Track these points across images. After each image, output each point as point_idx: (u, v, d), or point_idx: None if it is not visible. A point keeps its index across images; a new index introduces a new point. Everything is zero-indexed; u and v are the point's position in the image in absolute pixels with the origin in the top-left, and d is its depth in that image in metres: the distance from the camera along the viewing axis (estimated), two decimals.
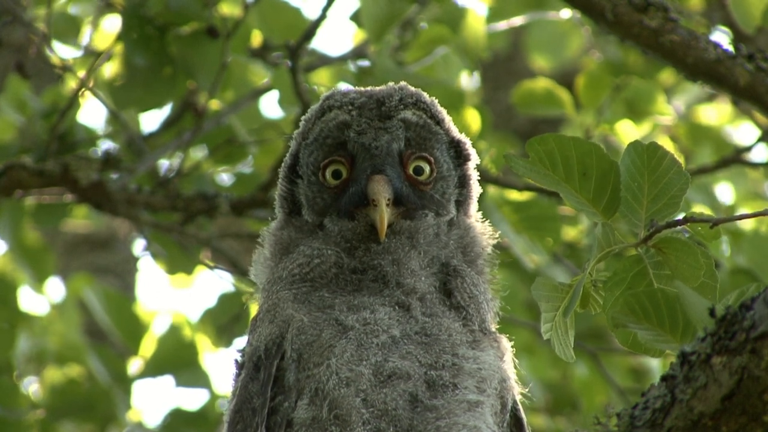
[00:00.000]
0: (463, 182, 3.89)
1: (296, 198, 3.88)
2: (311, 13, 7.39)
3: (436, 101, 3.89)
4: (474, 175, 3.91)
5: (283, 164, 3.92)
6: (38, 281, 8.12)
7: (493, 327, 3.82)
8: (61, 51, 7.58)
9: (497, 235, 3.89)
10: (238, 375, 3.75)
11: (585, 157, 3.65)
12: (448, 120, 3.89)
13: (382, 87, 3.85)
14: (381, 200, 3.71)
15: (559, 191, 3.68)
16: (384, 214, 3.70)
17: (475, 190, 3.91)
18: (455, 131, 3.90)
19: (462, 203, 3.88)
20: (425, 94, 3.87)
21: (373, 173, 3.75)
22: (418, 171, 3.81)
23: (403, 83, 3.86)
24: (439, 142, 3.85)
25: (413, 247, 3.75)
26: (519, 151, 7.59)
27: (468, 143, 3.91)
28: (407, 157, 3.81)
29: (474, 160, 3.91)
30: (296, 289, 3.75)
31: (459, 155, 3.90)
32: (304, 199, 3.85)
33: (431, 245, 3.77)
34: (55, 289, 11.68)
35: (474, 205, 3.91)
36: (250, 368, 3.69)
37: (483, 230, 3.88)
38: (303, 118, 3.91)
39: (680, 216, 3.64)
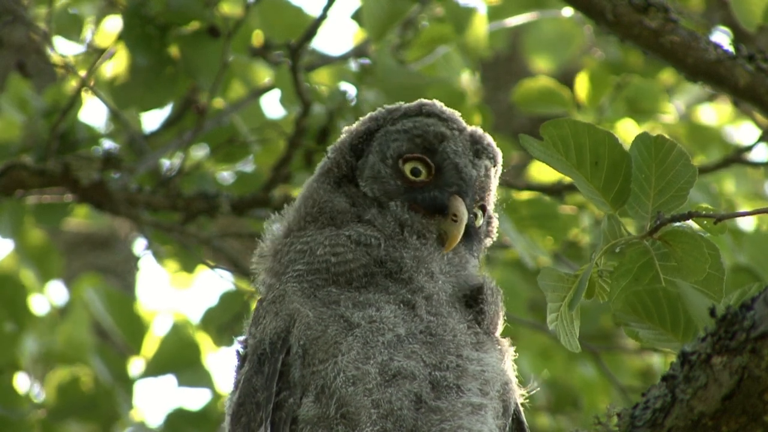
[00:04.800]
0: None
1: (354, 167, 3.91)
2: (312, 12, 7.37)
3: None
4: (489, 243, 4.05)
5: (353, 133, 3.95)
6: (43, 281, 8.12)
7: (498, 333, 3.86)
8: (64, 47, 7.59)
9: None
10: (240, 367, 3.76)
11: (598, 146, 3.66)
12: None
13: (470, 126, 3.95)
14: (463, 219, 3.82)
15: (572, 177, 3.69)
16: (461, 231, 3.82)
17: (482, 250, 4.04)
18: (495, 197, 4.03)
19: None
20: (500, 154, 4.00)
21: (459, 194, 3.84)
22: (475, 215, 3.93)
23: (488, 135, 3.96)
24: (492, 198, 3.98)
25: (442, 254, 3.82)
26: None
27: (495, 217, 4.04)
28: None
29: (494, 234, 4.06)
30: (308, 281, 3.76)
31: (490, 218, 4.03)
32: (371, 171, 3.89)
33: (462, 263, 3.86)
34: (56, 289, 11.66)
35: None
36: (254, 362, 3.69)
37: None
38: (388, 107, 3.96)
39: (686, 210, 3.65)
